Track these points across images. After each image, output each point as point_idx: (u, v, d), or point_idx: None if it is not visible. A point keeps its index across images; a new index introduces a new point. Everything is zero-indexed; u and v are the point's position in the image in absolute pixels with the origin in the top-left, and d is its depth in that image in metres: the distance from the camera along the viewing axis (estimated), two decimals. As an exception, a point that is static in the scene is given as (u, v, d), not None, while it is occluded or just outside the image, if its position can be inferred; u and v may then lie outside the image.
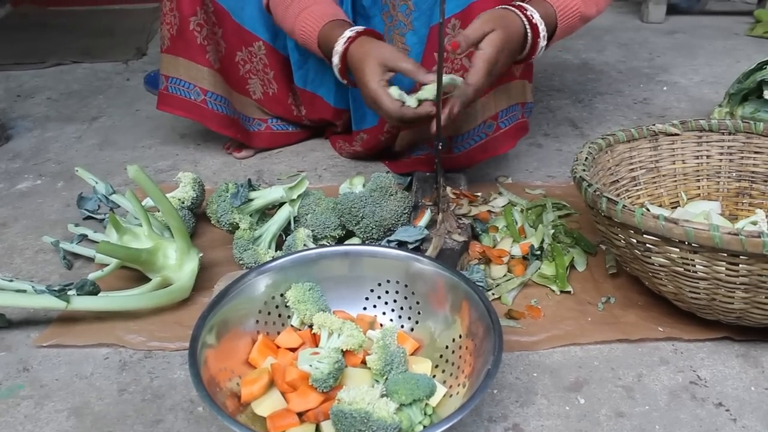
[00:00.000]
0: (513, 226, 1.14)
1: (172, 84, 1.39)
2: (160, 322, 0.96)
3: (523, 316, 0.97)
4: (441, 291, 0.87)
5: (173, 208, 1.00)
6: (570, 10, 1.12)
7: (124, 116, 1.73)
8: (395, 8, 1.21)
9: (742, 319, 0.87)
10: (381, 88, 1.02)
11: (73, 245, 1.12)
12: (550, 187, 1.31)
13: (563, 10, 1.11)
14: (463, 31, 0.99)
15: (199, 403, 0.83)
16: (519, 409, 0.82)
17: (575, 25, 1.15)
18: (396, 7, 1.21)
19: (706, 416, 0.81)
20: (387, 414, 0.71)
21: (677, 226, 0.78)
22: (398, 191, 1.09)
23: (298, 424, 0.75)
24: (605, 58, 2.09)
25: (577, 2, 1.12)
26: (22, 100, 1.86)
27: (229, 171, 1.43)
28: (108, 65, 2.12)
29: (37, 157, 1.51)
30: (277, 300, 0.88)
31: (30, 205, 1.31)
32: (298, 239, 1.03)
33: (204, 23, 1.34)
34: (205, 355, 0.75)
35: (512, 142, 1.27)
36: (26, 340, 0.94)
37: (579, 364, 0.89)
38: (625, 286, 1.02)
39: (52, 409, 0.83)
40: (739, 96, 1.46)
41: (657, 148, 1.10)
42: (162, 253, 1.00)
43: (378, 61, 1.03)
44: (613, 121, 1.64)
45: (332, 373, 0.76)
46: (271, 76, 1.41)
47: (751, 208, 1.09)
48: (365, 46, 1.06)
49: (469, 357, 0.79)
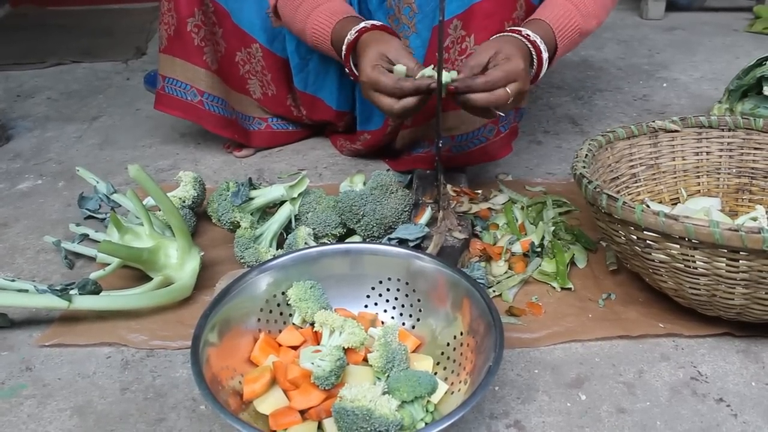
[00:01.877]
0: (513, 224, 1.14)
1: (169, 84, 1.39)
2: (161, 321, 0.97)
3: (524, 313, 0.97)
4: (442, 288, 0.87)
5: (174, 207, 1.00)
6: (568, 28, 1.11)
7: (124, 116, 1.73)
8: (400, 11, 1.21)
9: (742, 315, 0.87)
10: (377, 69, 0.99)
11: (75, 245, 1.12)
12: (550, 184, 1.31)
13: (562, 29, 1.10)
14: (466, 60, 0.99)
15: (202, 402, 0.83)
16: (520, 406, 0.82)
17: (576, 41, 1.14)
18: (400, 10, 1.21)
19: (707, 412, 0.81)
20: (389, 411, 0.71)
21: (677, 222, 0.78)
22: (399, 189, 1.09)
23: (300, 421, 0.75)
24: (605, 55, 2.09)
25: (575, 19, 1.11)
26: (22, 100, 1.86)
27: (229, 170, 1.43)
28: (108, 65, 2.12)
29: (37, 157, 1.51)
30: (278, 298, 0.89)
31: (31, 205, 1.31)
32: (299, 238, 1.03)
33: (202, 24, 1.34)
34: (207, 353, 0.76)
35: (509, 148, 1.28)
36: (28, 340, 0.95)
37: (580, 361, 0.89)
38: (625, 283, 1.02)
39: (55, 408, 0.83)
40: (738, 92, 1.46)
41: (657, 145, 1.10)
42: (163, 252, 1.01)
43: (380, 50, 1.01)
44: (613, 117, 1.64)
45: (334, 370, 0.76)
46: (269, 78, 1.41)
47: (751, 204, 1.09)
48: (374, 36, 1.05)
49: (470, 354, 0.79)
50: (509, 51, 0.98)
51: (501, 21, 1.14)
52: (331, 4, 1.17)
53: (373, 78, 0.98)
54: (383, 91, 0.99)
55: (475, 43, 1.15)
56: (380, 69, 0.99)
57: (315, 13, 1.16)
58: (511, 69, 0.96)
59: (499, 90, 0.96)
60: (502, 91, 0.96)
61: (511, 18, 1.15)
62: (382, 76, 0.98)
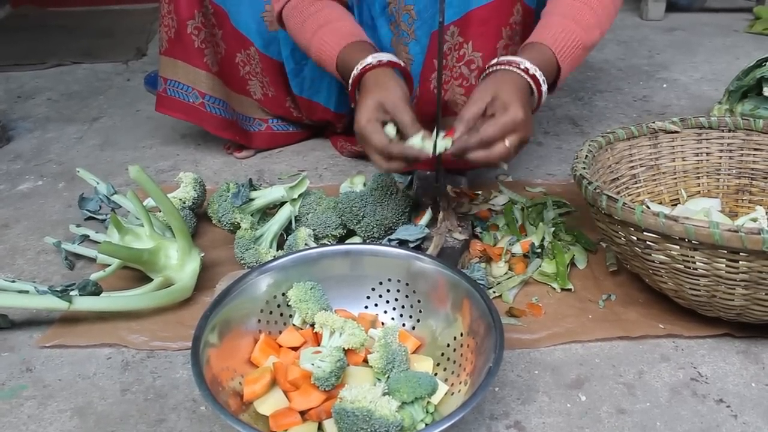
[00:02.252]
0: (513, 225, 1.14)
1: (170, 86, 1.40)
2: (162, 321, 0.97)
3: (524, 313, 0.97)
4: (442, 289, 0.87)
5: (174, 208, 1.00)
6: (570, 46, 1.02)
7: (124, 117, 1.73)
8: (399, 18, 1.21)
9: (742, 316, 0.87)
10: (370, 124, 0.93)
11: (75, 246, 1.12)
12: (550, 185, 1.31)
13: (562, 49, 1.01)
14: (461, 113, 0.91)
15: (202, 403, 0.83)
16: (520, 407, 0.82)
17: (581, 56, 1.06)
18: (400, 17, 1.20)
19: (707, 412, 0.81)
20: (389, 412, 0.71)
21: (677, 223, 0.78)
22: (399, 190, 1.09)
23: (300, 422, 0.75)
24: (605, 56, 2.09)
25: (576, 34, 1.02)
26: (23, 101, 1.86)
27: (229, 171, 1.43)
28: (108, 66, 2.12)
29: (38, 158, 1.52)
30: (278, 299, 0.89)
31: (31, 206, 1.31)
32: (300, 239, 1.03)
33: (202, 26, 1.34)
34: (207, 354, 0.76)
35: None
36: (29, 341, 0.95)
37: (580, 362, 0.89)
38: (625, 284, 1.02)
39: (56, 409, 0.83)
40: (738, 93, 1.46)
41: (657, 146, 1.10)
42: (164, 253, 1.01)
43: (379, 101, 0.95)
44: (613, 118, 1.64)
45: (334, 371, 0.76)
46: (268, 81, 1.41)
47: (751, 204, 1.09)
48: (377, 79, 0.98)
49: (470, 355, 0.79)
50: (507, 98, 0.90)
51: (498, 27, 1.13)
52: (339, 24, 1.11)
53: (365, 134, 0.94)
54: (369, 155, 0.95)
55: (473, 49, 1.14)
56: (374, 125, 0.93)
57: (321, 32, 1.10)
58: (509, 121, 0.89)
59: (497, 146, 0.89)
60: (501, 147, 0.89)
61: (508, 24, 1.14)
62: (374, 134, 0.93)
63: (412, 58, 1.21)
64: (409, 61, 1.21)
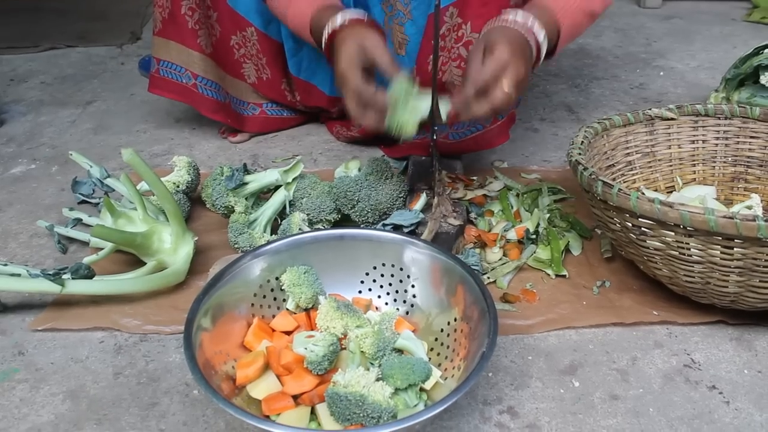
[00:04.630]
0: (509, 210, 1.14)
1: (163, 67, 1.39)
2: (155, 305, 0.96)
3: (519, 299, 0.97)
4: (436, 275, 0.87)
5: (168, 192, 1.00)
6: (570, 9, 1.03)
7: (118, 100, 1.72)
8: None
9: (736, 303, 0.87)
10: (351, 67, 0.94)
11: (68, 229, 1.11)
12: (545, 171, 1.31)
13: (562, 7, 1.03)
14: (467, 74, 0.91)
15: (195, 386, 0.83)
16: (514, 392, 0.82)
17: (582, 21, 1.07)
18: None
19: (699, 399, 0.81)
20: (382, 398, 0.71)
21: (672, 209, 0.78)
22: (394, 175, 1.09)
23: (293, 406, 0.75)
24: (602, 43, 2.09)
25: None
26: (16, 84, 1.84)
27: (224, 155, 1.42)
28: (102, 49, 2.10)
29: (31, 141, 1.50)
30: (272, 283, 0.88)
31: (24, 190, 1.30)
32: (294, 223, 1.03)
33: (197, 7, 1.33)
34: (200, 338, 0.75)
35: (506, 135, 1.27)
36: (21, 324, 0.94)
37: (574, 348, 0.89)
38: (620, 270, 1.02)
39: (48, 392, 0.83)
40: (735, 81, 1.46)
41: (653, 133, 1.10)
42: (157, 237, 1.00)
43: (358, 44, 0.96)
44: (610, 105, 1.64)
45: (327, 355, 0.76)
46: (264, 62, 1.40)
47: (746, 192, 1.09)
48: (353, 29, 1.00)
49: (464, 340, 0.79)
50: (492, 42, 0.90)
51: (498, 8, 1.12)
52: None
53: (344, 75, 0.94)
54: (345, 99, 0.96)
55: (472, 30, 1.13)
56: (353, 69, 0.94)
57: (296, 1, 1.13)
58: (496, 60, 0.88)
59: (495, 91, 0.88)
60: (500, 92, 0.88)
61: (509, 5, 1.13)
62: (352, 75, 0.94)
63: (408, 38, 1.20)
64: (404, 41, 1.20)
